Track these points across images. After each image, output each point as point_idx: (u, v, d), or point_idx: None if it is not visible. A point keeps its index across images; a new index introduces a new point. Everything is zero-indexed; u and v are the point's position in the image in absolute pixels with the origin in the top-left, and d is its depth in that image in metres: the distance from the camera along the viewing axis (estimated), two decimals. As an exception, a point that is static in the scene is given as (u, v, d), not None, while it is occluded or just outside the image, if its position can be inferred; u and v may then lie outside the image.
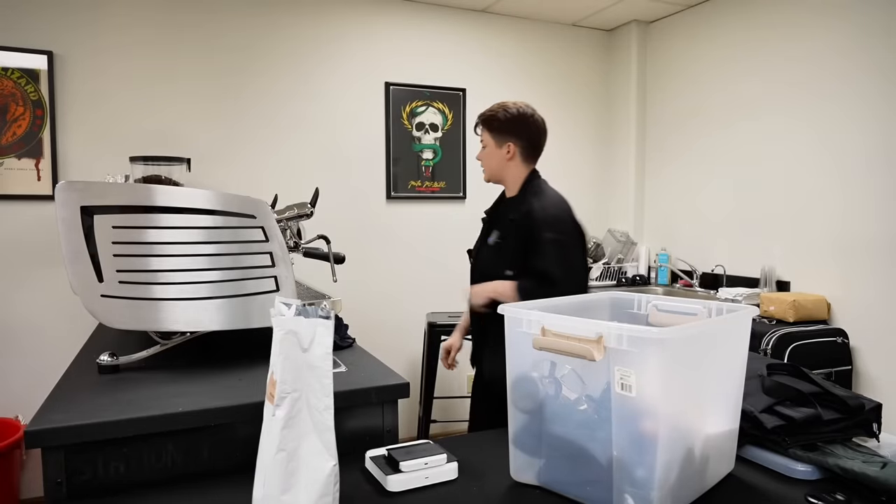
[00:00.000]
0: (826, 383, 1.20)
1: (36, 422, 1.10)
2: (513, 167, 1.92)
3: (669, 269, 3.74)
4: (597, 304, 1.32)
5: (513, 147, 1.90)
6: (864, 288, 2.75)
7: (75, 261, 1.30)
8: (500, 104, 1.93)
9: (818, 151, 2.94)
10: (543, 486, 1.08)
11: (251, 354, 1.57)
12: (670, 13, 3.79)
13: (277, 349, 0.95)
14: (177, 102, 3.10)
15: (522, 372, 1.08)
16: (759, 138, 3.25)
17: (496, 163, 1.93)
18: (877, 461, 1.06)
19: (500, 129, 1.90)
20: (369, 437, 1.35)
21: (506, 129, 1.90)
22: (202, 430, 1.20)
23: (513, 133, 1.89)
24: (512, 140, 1.89)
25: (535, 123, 1.92)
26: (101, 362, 1.43)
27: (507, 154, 1.90)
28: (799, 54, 3.02)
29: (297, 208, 1.80)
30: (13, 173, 2.80)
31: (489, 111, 1.93)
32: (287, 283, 1.48)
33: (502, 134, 1.90)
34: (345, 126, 3.46)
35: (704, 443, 1.02)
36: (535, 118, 1.92)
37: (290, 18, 3.31)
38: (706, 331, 1.04)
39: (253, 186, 3.20)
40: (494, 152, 1.92)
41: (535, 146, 1.92)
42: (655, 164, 3.95)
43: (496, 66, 3.81)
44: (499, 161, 1.92)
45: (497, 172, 1.95)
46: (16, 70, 2.79)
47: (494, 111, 1.92)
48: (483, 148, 1.95)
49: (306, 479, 0.93)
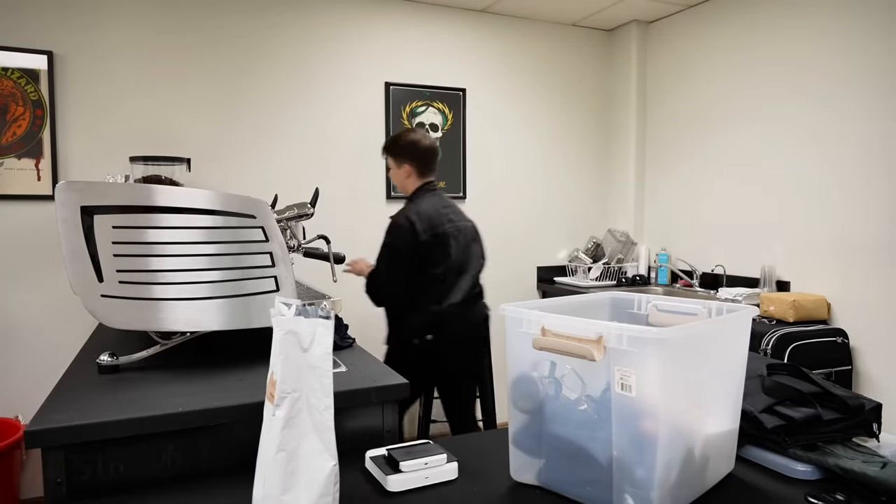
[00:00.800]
0: (826, 383, 1.20)
1: (36, 422, 1.10)
2: (410, 183, 2.45)
3: (669, 269, 3.74)
4: (597, 304, 1.32)
5: (408, 167, 2.42)
6: (864, 288, 2.75)
7: (75, 261, 1.30)
8: (396, 135, 2.49)
9: (818, 151, 2.95)
10: (543, 486, 1.08)
11: (251, 354, 1.57)
12: (670, 13, 3.79)
13: (277, 349, 0.95)
14: (177, 102, 3.10)
15: (522, 372, 1.08)
16: (759, 138, 3.25)
17: (399, 180, 2.47)
18: (877, 461, 1.06)
19: (397, 154, 2.44)
20: (369, 437, 1.35)
21: (400, 153, 2.44)
22: (202, 430, 1.20)
23: (405, 155, 2.42)
24: (406, 162, 2.42)
25: (423, 147, 2.42)
26: (101, 362, 1.43)
27: (405, 172, 2.44)
28: (800, 54, 3.02)
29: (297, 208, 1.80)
30: (13, 173, 2.80)
31: (388, 141, 2.50)
32: (287, 283, 1.48)
33: (399, 157, 2.44)
34: (345, 126, 3.46)
35: (704, 443, 1.02)
36: (423, 143, 2.42)
37: (291, 18, 3.31)
38: (706, 331, 1.03)
39: (253, 186, 3.21)
40: (396, 172, 2.47)
41: (425, 164, 2.43)
42: (655, 164, 3.95)
43: (496, 66, 3.81)
44: (400, 179, 2.46)
45: (402, 187, 2.49)
46: (16, 70, 2.79)
47: (394, 140, 2.46)
48: (388, 169, 2.54)
49: (306, 479, 0.93)
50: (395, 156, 2.45)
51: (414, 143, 2.42)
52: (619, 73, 4.08)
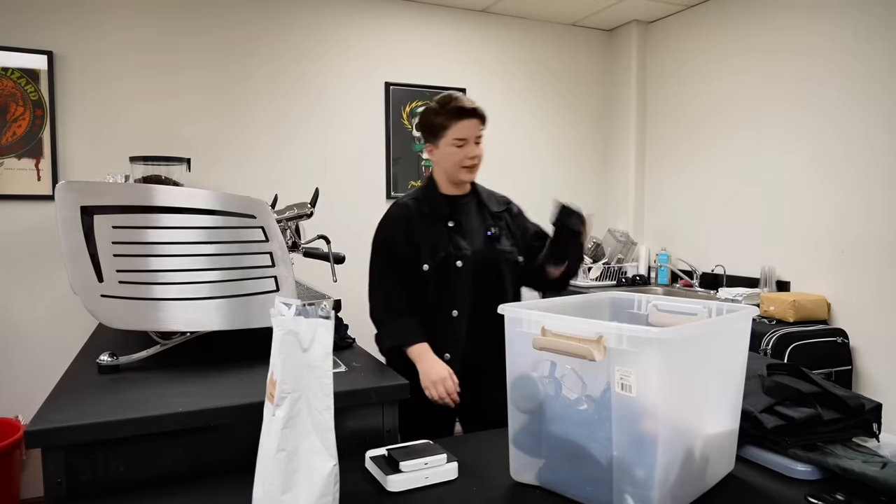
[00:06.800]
0: (826, 383, 1.20)
1: (36, 422, 1.10)
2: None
3: (669, 269, 3.74)
4: (597, 304, 1.32)
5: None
6: (864, 288, 2.75)
7: (75, 261, 1.30)
8: (467, 98, 1.84)
9: (819, 151, 2.94)
10: (543, 486, 1.08)
11: (251, 354, 1.57)
12: (670, 13, 3.79)
13: (277, 349, 0.95)
14: (177, 102, 3.10)
15: (522, 372, 1.08)
16: (759, 137, 3.25)
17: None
18: (877, 461, 1.06)
19: (486, 120, 1.86)
20: (369, 437, 1.35)
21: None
22: (202, 430, 1.20)
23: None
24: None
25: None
26: (101, 362, 1.43)
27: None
28: (800, 54, 3.02)
29: (297, 208, 1.80)
30: (13, 173, 2.80)
31: (478, 106, 1.84)
32: (287, 283, 1.48)
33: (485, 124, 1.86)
34: (345, 126, 3.46)
35: (704, 443, 1.02)
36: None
37: (291, 19, 3.31)
38: (706, 331, 1.03)
39: (253, 186, 3.20)
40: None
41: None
42: (655, 164, 3.95)
43: (496, 66, 3.81)
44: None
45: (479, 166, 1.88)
46: (16, 70, 2.79)
47: (476, 105, 1.84)
48: (479, 144, 1.86)
49: (306, 479, 0.93)
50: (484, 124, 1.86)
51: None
52: (619, 73, 4.08)
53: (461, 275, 1.77)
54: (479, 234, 1.84)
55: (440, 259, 1.76)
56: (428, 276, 1.76)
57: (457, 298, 1.76)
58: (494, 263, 1.82)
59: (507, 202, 1.97)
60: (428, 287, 1.77)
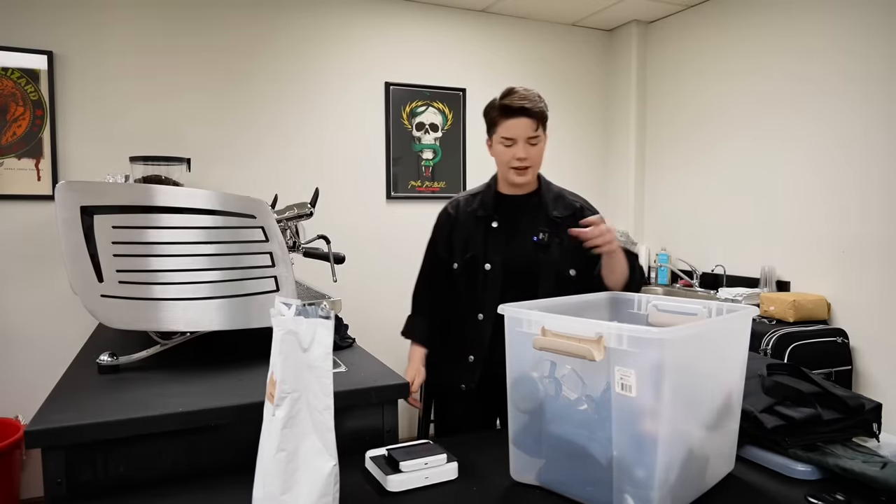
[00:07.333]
0: (826, 383, 1.20)
1: (36, 422, 1.10)
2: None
3: (669, 269, 3.74)
4: (597, 304, 1.32)
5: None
6: (864, 288, 2.75)
7: (75, 261, 1.30)
8: (529, 91, 1.66)
9: (819, 150, 2.94)
10: (543, 486, 1.08)
11: (251, 354, 1.57)
12: (670, 13, 3.79)
13: (277, 349, 0.95)
14: (177, 102, 3.09)
15: (522, 372, 1.08)
16: (759, 138, 3.25)
17: (541, 159, 1.71)
18: (877, 461, 1.06)
19: (545, 120, 1.67)
20: (369, 437, 1.35)
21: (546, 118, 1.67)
22: (202, 430, 1.20)
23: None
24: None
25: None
26: (101, 362, 1.43)
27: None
28: (800, 54, 3.02)
29: (297, 208, 1.80)
30: (13, 173, 2.80)
31: (537, 103, 1.64)
32: (287, 283, 1.48)
33: (545, 124, 1.68)
34: (345, 126, 3.46)
35: (704, 443, 1.02)
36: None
37: (291, 19, 3.31)
38: (706, 331, 1.04)
39: (253, 186, 3.20)
40: (544, 148, 1.70)
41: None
42: (655, 164, 3.95)
43: (496, 66, 3.81)
44: (543, 156, 1.71)
45: (538, 169, 1.73)
46: (16, 70, 2.79)
47: (539, 100, 1.65)
48: (534, 146, 1.66)
49: (306, 479, 0.93)
50: (544, 123, 1.68)
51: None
52: (619, 73, 4.08)
53: (490, 278, 1.69)
54: (524, 239, 1.71)
55: (468, 259, 1.71)
56: (457, 276, 1.75)
57: (484, 302, 1.69)
58: (532, 271, 1.68)
59: (577, 208, 1.74)
60: (458, 286, 1.76)
